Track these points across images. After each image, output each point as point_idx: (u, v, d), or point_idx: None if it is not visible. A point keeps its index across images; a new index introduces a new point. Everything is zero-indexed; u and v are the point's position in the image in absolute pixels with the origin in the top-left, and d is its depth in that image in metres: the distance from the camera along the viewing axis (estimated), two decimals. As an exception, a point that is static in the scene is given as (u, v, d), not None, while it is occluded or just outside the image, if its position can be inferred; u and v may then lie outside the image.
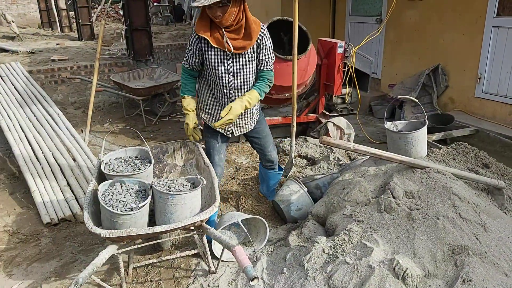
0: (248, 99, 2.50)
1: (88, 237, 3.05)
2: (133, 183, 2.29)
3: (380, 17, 6.32)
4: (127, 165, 2.50)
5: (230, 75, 2.53)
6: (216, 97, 2.67)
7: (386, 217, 2.34)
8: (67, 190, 3.50)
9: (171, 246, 2.83)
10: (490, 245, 2.19)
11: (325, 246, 2.28)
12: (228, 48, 2.43)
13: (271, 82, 2.62)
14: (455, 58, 5.23)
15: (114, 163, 2.49)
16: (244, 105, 2.49)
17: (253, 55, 2.54)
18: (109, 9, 18.17)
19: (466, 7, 4.98)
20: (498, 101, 4.82)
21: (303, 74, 4.23)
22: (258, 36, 2.48)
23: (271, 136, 3.01)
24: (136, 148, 2.64)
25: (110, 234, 1.91)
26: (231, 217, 2.56)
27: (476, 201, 2.44)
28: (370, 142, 4.89)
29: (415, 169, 2.58)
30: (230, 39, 2.42)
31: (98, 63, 4.56)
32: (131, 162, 2.53)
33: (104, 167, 2.43)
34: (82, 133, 5.00)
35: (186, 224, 2.03)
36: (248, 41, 2.44)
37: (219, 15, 2.31)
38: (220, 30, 2.42)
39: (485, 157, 3.05)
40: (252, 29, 2.43)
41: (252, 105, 2.53)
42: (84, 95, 6.59)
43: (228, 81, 2.54)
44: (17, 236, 3.09)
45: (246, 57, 2.52)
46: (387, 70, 6.39)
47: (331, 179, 3.10)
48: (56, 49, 8.90)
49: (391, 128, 2.86)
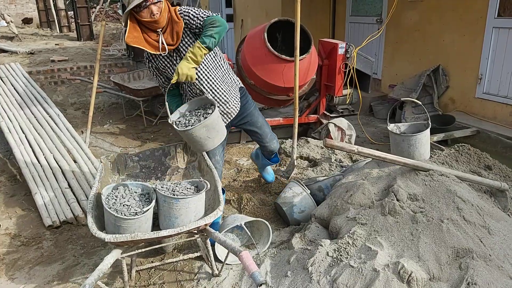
0: (190, 54, 2.29)
1: (91, 239, 3.04)
2: (136, 187, 2.28)
3: (381, 18, 6.31)
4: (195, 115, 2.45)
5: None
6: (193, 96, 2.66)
7: (390, 220, 2.34)
8: (68, 192, 3.49)
9: (174, 249, 2.82)
10: (494, 248, 2.19)
11: (329, 249, 2.28)
12: (163, 47, 2.35)
13: (214, 22, 2.33)
14: (456, 58, 5.23)
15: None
16: (190, 60, 2.29)
17: (191, 38, 2.44)
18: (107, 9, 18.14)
19: (467, 8, 4.98)
20: (499, 101, 4.82)
21: (305, 75, 4.23)
22: (181, 18, 2.37)
23: (267, 125, 3.00)
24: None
25: (115, 239, 1.91)
26: (233, 220, 2.56)
27: (479, 203, 2.44)
28: (371, 143, 4.89)
29: (419, 172, 2.58)
30: (165, 39, 2.35)
31: (98, 64, 4.56)
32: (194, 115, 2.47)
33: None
34: (83, 134, 4.99)
35: (191, 228, 2.03)
36: (177, 28, 2.34)
37: (157, 13, 2.26)
38: (154, 35, 2.35)
39: (488, 158, 3.05)
40: (174, 18, 2.34)
41: (197, 56, 2.29)
42: (84, 96, 6.58)
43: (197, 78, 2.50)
44: (19, 239, 3.08)
45: (187, 44, 2.44)
46: (388, 70, 6.39)
47: (334, 181, 3.10)
48: (55, 49, 8.89)
49: (394, 130, 2.85)
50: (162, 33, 2.35)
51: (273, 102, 4.72)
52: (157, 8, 2.26)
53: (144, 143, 5.11)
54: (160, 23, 2.31)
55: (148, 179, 2.76)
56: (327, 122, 4.52)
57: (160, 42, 2.34)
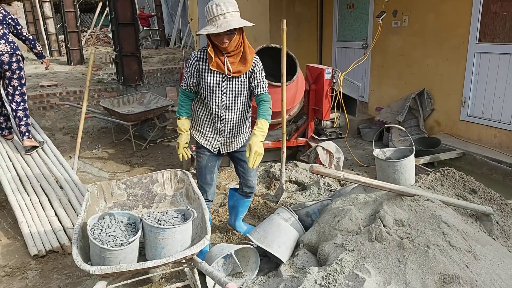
0: (259, 130, 2.57)
1: (76, 269, 2.99)
2: (122, 216, 2.27)
3: (366, 43, 6.47)
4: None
5: (223, 96, 2.69)
6: (208, 116, 2.80)
7: (377, 246, 2.35)
8: (54, 221, 3.45)
9: (161, 278, 2.78)
10: (480, 273, 2.20)
11: (317, 276, 2.27)
12: (228, 72, 2.62)
13: (270, 103, 2.73)
14: (440, 82, 5.35)
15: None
16: (259, 136, 2.55)
17: (246, 79, 2.72)
18: (98, 32, 18.28)
19: (449, 33, 5.14)
20: (483, 124, 4.92)
21: (292, 100, 4.29)
22: (252, 63, 2.66)
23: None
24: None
25: (100, 271, 1.88)
26: (221, 250, 2.54)
27: (465, 228, 2.46)
28: (359, 165, 4.94)
29: (405, 197, 2.61)
30: (230, 63, 2.60)
31: (87, 90, 4.57)
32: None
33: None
34: (71, 159, 4.96)
35: (177, 258, 2.01)
36: (243, 66, 2.64)
37: (226, 41, 2.50)
38: (221, 56, 2.60)
39: (473, 182, 3.09)
40: (248, 56, 2.63)
41: (265, 130, 2.61)
42: (73, 120, 6.56)
43: (220, 101, 2.70)
44: (3, 269, 3.02)
45: (240, 81, 2.70)
46: (374, 93, 6.50)
47: (322, 206, 3.11)
48: (45, 74, 8.90)
49: (379, 155, 2.89)
50: (228, 56, 2.59)
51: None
52: (228, 37, 2.49)
53: (133, 168, 5.09)
54: (227, 49, 2.55)
55: (135, 207, 2.75)
56: (316, 146, 4.56)
57: (226, 62, 2.60)
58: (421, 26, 5.49)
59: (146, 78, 8.05)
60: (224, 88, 2.68)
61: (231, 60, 2.61)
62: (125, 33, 7.02)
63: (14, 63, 4.31)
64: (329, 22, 7.21)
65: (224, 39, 2.50)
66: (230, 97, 2.70)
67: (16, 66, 4.34)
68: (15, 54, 4.31)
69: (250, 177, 3.02)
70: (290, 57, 4.23)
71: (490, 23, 4.71)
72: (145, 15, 16.04)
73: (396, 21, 5.83)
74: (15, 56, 4.32)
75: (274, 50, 4.31)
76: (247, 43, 2.63)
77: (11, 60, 4.29)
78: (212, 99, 2.69)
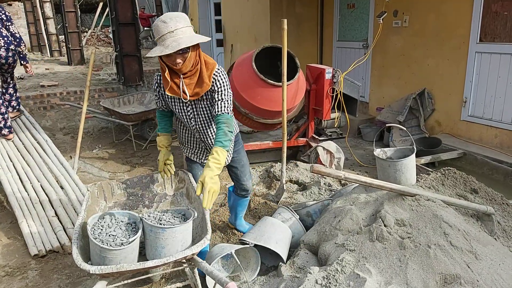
0: (214, 161, 2.25)
1: (76, 269, 2.99)
2: (122, 215, 2.26)
3: (367, 43, 6.46)
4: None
5: (191, 120, 2.54)
6: (189, 133, 2.71)
7: (378, 246, 2.34)
8: (55, 221, 3.44)
9: (162, 277, 2.78)
10: (482, 273, 2.20)
11: (318, 276, 2.26)
12: (184, 96, 2.38)
13: (230, 126, 2.38)
14: (441, 82, 5.34)
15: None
16: (214, 169, 2.22)
17: (209, 97, 2.46)
18: (99, 33, 18.30)
19: (450, 33, 5.13)
20: (483, 124, 4.92)
21: (293, 99, 4.29)
22: (212, 79, 2.38)
23: (248, 166, 3.00)
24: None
25: (100, 271, 1.88)
26: (222, 250, 2.54)
27: (466, 228, 2.45)
28: (360, 165, 4.93)
29: (405, 197, 2.60)
30: (187, 85, 2.36)
31: (88, 90, 4.57)
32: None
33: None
34: (71, 159, 4.95)
35: (177, 258, 2.01)
36: (199, 88, 2.37)
37: (179, 62, 2.23)
38: (176, 78, 2.35)
39: (474, 182, 3.08)
40: (205, 75, 2.35)
41: (222, 161, 2.28)
42: (74, 120, 6.56)
43: (191, 125, 2.57)
44: (3, 269, 3.01)
45: (204, 103, 2.47)
46: (375, 93, 6.49)
47: (322, 206, 3.10)
48: (46, 74, 8.90)
49: (380, 155, 2.89)
50: (184, 77, 2.34)
51: (262, 126, 4.76)
52: (182, 57, 2.23)
53: (134, 168, 5.09)
54: (181, 70, 2.29)
55: (135, 207, 2.74)
56: (316, 145, 4.55)
57: (181, 85, 2.34)
58: (422, 26, 5.48)
59: (147, 78, 8.05)
60: (190, 113, 2.51)
61: (187, 81, 2.34)
62: (125, 33, 7.03)
63: (10, 57, 4.59)
64: (329, 22, 7.21)
65: (176, 59, 2.21)
66: (198, 120, 2.53)
67: (12, 60, 4.64)
68: (9, 48, 4.56)
69: (244, 181, 2.96)
70: (291, 57, 4.23)
71: (491, 23, 4.70)
72: (146, 15, 16.04)
73: (396, 21, 5.82)
74: (11, 51, 4.58)
75: (275, 51, 4.31)
76: (203, 61, 2.35)
77: (8, 55, 4.55)
78: (184, 122, 2.58)
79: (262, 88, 4.13)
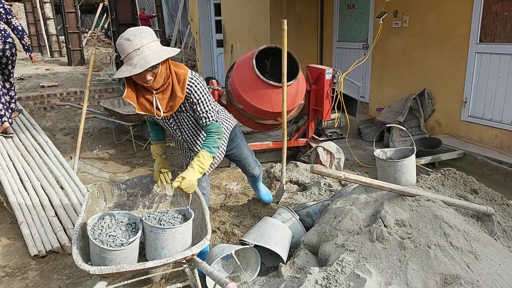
0: (199, 164, 2.27)
1: (76, 269, 2.98)
2: (122, 216, 2.26)
3: (367, 43, 6.47)
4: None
5: (176, 131, 2.53)
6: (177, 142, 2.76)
7: (378, 247, 2.34)
8: (55, 221, 3.44)
9: (162, 278, 2.78)
10: (482, 274, 2.19)
11: (318, 277, 2.26)
12: (158, 113, 2.30)
13: (219, 133, 2.39)
14: (441, 82, 5.35)
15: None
16: (197, 172, 2.25)
17: (189, 107, 2.41)
18: (99, 33, 18.31)
19: (450, 33, 5.13)
20: (484, 124, 4.92)
21: (293, 100, 4.29)
22: (186, 91, 2.30)
23: (251, 155, 3.11)
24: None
25: (100, 271, 1.88)
26: (222, 250, 2.54)
27: (466, 228, 2.45)
28: (360, 165, 4.93)
29: (406, 197, 2.60)
30: (160, 101, 2.28)
31: (88, 91, 4.57)
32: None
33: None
34: (71, 160, 4.95)
35: (177, 259, 2.01)
36: (173, 102, 2.30)
37: (150, 79, 2.16)
38: (148, 94, 2.27)
39: (474, 182, 3.08)
40: (176, 88, 2.27)
41: (206, 166, 2.28)
42: (74, 121, 6.57)
43: (177, 136, 2.56)
44: (3, 270, 3.01)
45: (183, 114, 2.43)
46: (375, 94, 6.50)
47: (322, 206, 3.10)
48: (46, 74, 8.91)
49: (380, 156, 2.88)
50: (157, 93, 2.27)
51: (262, 127, 4.76)
52: (152, 73, 2.15)
53: (134, 168, 5.08)
54: (153, 87, 2.22)
55: (135, 207, 2.74)
56: (316, 146, 4.55)
57: (154, 102, 2.27)
58: (422, 27, 5.48)
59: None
60: (173, 125, 2.48)
61: (160, 97, 2.26)
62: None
63: (7, 50, 4.70)
64: (329, 22, 7.21)
65: (146, 77, 2.13)
66: (183, 130, 2.51)
67: (9, 53, 4.74)
68: (6, 41, 4.66)
69: (250, 170, 3.14)
70: (292, 58, 4.23)
71: (491, 23, 4.70)
72: (146, 16, 16.04)
73: (396, 22, 5.82)
74: (8, 44, 4.68)
75: (275, 51, 4.31)
76: (174, 73, 2.26)
77: (5, 48, 4.66)
78: (170, 133, 2.59)
79: (263, 88, 4.13)
